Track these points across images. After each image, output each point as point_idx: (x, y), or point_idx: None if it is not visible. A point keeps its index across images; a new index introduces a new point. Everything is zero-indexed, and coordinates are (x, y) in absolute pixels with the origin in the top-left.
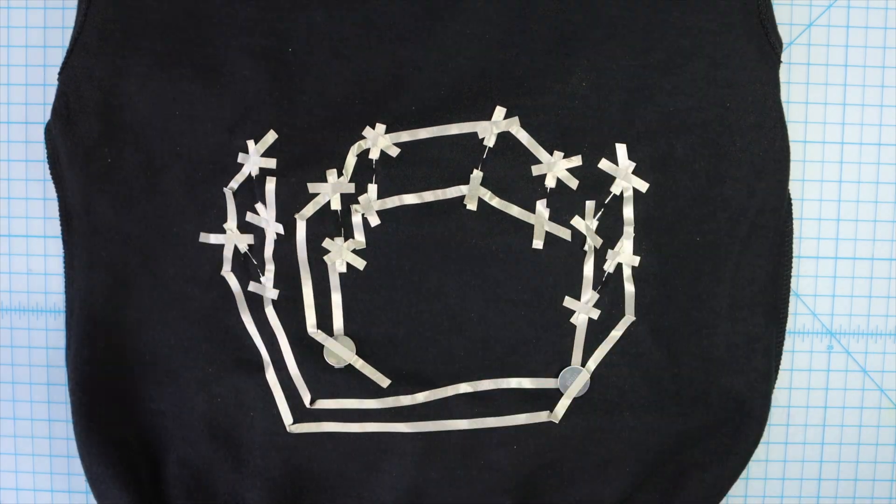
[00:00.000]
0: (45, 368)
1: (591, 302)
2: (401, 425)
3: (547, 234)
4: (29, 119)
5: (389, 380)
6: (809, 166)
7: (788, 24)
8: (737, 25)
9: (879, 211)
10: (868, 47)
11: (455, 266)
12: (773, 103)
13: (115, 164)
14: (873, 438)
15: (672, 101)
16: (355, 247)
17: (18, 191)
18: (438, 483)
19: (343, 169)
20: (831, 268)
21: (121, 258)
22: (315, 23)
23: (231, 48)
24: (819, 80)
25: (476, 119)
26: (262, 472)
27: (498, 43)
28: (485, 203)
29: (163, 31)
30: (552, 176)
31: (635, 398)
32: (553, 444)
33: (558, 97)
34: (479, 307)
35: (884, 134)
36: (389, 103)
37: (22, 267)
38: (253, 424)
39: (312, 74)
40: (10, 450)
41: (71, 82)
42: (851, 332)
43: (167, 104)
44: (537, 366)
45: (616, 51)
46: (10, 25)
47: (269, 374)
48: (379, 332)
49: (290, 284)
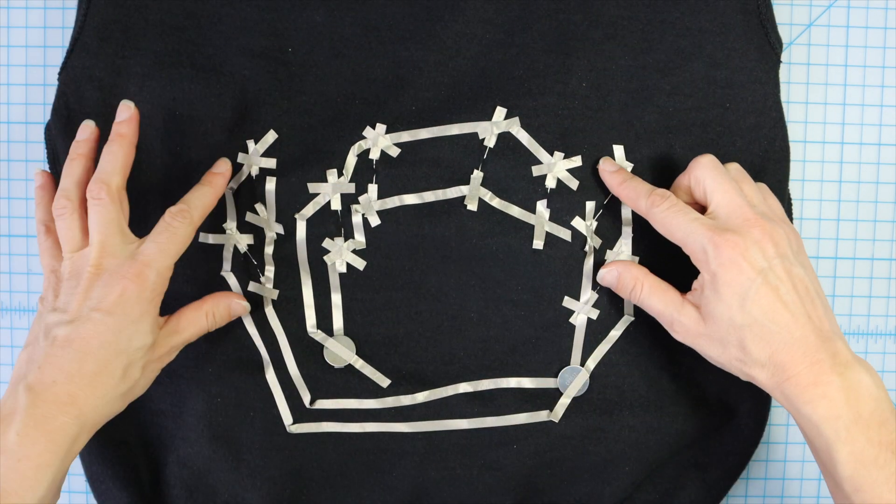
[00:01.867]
0: None
1: (591, 302)
2: (401, 425)
3: (547, 235)
4: (29, 119)
5: (389, 380)
6: (809, 166)
7: (788, 24)
8: (737, 25)
9: (879, 211)
10: (868, 47)
11: (455, 266)
12: (773, 103)
13: None
14: None
15: (672, 102)
16: (355, 247)
17: (18, 191)
18: (438, 483)
19: (343, 169)
20: (831, 268)
21: None
22: (315, 23)
23: (231, 48)
24: (819, 80)
25: (476, 119)
26: (262, 472)
27: (498, 43)
28: (485, 203)
29: (163, 31)
30: (552, 176)
31: (635, 398)
32: (553, 443)
33: (558, 97)
34: (479, 307)
35: (884, 134)
36: (390, 103)
37: (22, 267)
38: (253, 424)
39: (312, 74)
40: None
41: (71, 82)
42: (851, 332)
43: (167, 104)
44: (537, 365)
45: (616, 51)
46: (10, 25)
47: (269, 374)
48: (379, 332)
49: (290, 284)
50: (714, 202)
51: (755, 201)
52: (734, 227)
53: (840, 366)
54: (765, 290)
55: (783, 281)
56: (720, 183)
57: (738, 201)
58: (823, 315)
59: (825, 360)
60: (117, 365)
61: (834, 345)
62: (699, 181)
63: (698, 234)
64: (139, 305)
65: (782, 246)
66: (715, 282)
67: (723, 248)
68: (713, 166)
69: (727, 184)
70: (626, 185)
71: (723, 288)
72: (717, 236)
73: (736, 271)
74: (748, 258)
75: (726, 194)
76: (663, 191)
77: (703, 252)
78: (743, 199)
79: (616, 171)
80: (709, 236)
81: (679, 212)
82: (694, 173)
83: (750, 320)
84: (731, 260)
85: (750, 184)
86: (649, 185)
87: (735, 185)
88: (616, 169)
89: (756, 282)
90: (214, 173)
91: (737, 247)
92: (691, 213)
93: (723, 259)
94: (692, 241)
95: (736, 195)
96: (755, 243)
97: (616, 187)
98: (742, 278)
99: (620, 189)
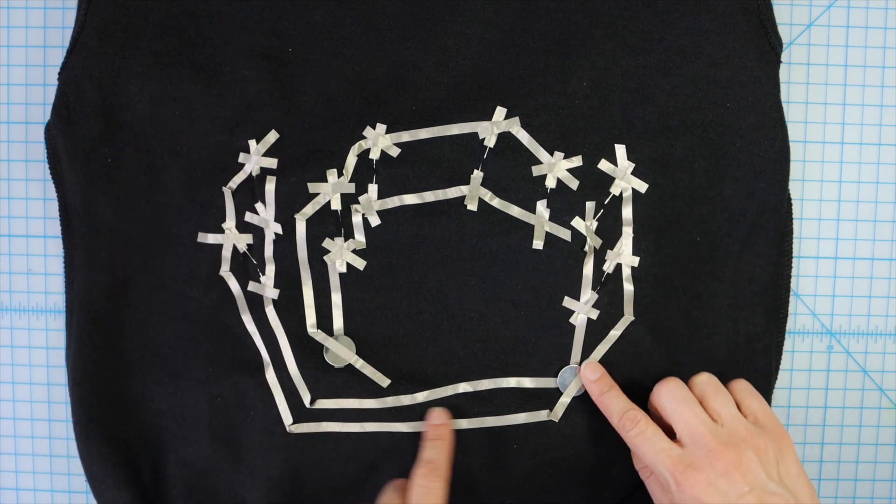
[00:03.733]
0: (45, 368)
1: (591, 302)
2: (401, 425)
3: (547, 235)
4: (29, 119)
5: (389, 380)
6: (809, 166)
7: (788, 24)
8: (737, 25)
9: (879, 211)
10: (868, 47)
11: (455, 266)
12: (773, 103)
13: (115, 164)
14: (873, 438)
15: (672, 101)
16: (355, 247)
17: (18, 191)
18: None
19: (343, 169)
20: (831, 268)
21: (121, 258)
22: (315, 22)
23: (231, 48)
24: (819, 80)
25: (476, 119)
26: (262, 471)
27: (498, 43)
28: (485, 203)
29: (163, 31)
30: (552, 176)
31: (635, 398)
32: (553, 443)
33: (558, 97)
34: (479, 307)
35: (884, 134)
36: (390, 103)
37: (22, 267)
38: (253, 424)
39: (312, 74)
40: (10, 450)
41: (71, 82)
42: (851, 332)
43: (167, 104)
44: (537, 365)
45: (616, 51)
46: (10, 25)
47: (269, 374)
48: (379, 332)
49: (290, 284)
50: (678, 431)
51: (724, 419)
52: (697, 462)
53: None
54: None
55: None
56: (680, 413)
57: (699, 431)
58: None
59: None
60: None
61: None
62: (662, 411)
63: (662, 468)
64: None
65: (752, 472)
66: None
67: (684, 486)
68: (672, 395)
69: (687, 412)
70: (603, 398)
71: None
72: (679, 473)
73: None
74: (711, 494)
75: (686, 424)
76: (634, 414)
77: (667, 484)
78: (705, 428)
79: (597, 379)
80: (671, 471)
81: (646, 440)
82: (655, 402)
83: None
84: (693, 497)
85: (719, 397)
86: (624, 403)
87: (696, 411)
88: (597, 377)
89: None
90: (437, 426)
91: (697, 484)
92: (658, 442)
93: (685, 496)
94: (658, 473)
95: (697, 424)
96: (721, 476)
97: (594, 398)
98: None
99: (598, 400)
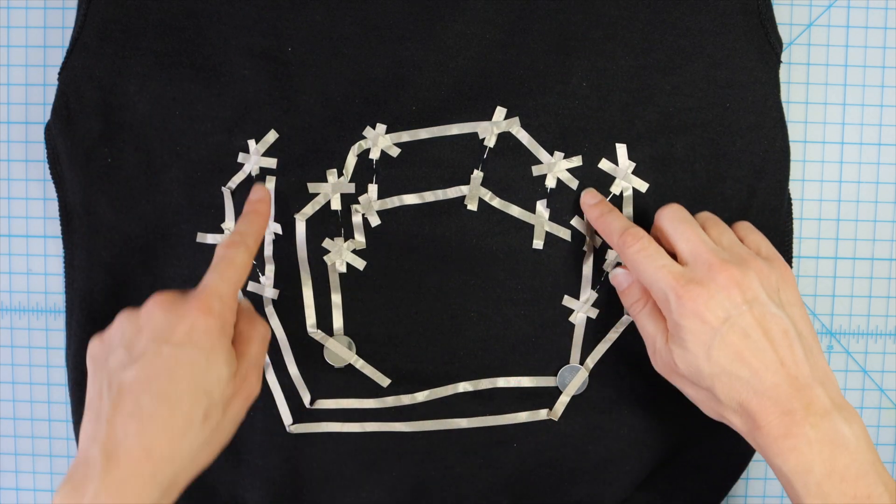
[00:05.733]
0: (45, 368)
1: (590, 301)
2: (401, 425)
3: (547, 234)
4: (29, 119)
5: (389, 379)
6: (809, 166)
7: (788, 24)
8: (737, 25)
9: (879, 211)
10: (868, 47)
11: (455, 266)
12: (773, 103)
13: (115, 164)
14: (873, 438)
15: (672, 101)
16: (355, 247)
17: (18, 191)
18: (438, 482)
19: (343, 169)
20: (831, 268)
21: (121, 258)
22: (315, 22)
23: (231, 48)
24: (819, 80)
25: (476, 119)
26: (262, 472)
27: (498, 43)
28: (485, 203)
29: (163, 31)
30: (552, 176)
31: (634, 396)
32: (553, 441)
33: (559, 97)
34: (479, 307)
35: (884, 134)
36: (390, 103)
37: (22, 267)
38: (253, 424)
39: (312, 74)
40: (10, 450)
41: (71, 82)
42: (851, 332)
43: (167, 104)
44: (536, 364)
45: (616, 51)
46: (10, 25)
47: (269, 374)
48: (379, 332)
49: (290, 284)
50: (679, 251)
51: (725, 244)
52: (698, 277)
53: (815, 416)
54: (732, 338)
55: (752, 327)
56: (682, 232)
57: (700, 248)
58: (803, 359)
59: (798, 409)
60: (196, 405)
61: (810, 392)
62: (663, 233)
63: (662, 283)
64: (208, 336)
65: (752, 290)
66: (679, 332)
67: (684, 299)
68: (673, 216)
69: (689, 231)
70: (602, 219)
71: (687, 338)
72: (680, 287)
73: (699, 322)
74: (711, 308)
75: (689, 242)
76: (636, 231)
77: (666, 301)
78: (706, 246)
79: (596, 203)
80: (672, 286)
81: (647, 256)
82: (656, 225)
83: (717, 370)
84: (694, 312)
85: (719, 227)
86: (625, 223)
87: (697, 231)
88: (596, 202)
89: (720, 331)
90: (255, 200)
91: (699, 297)
92: (660, 258)
93: (685, 311)
94: (657, 289)
95: (699, 242)
96: (721, 290)
97: (593, 221)
98: (705, 328)
99: (597, 222)
